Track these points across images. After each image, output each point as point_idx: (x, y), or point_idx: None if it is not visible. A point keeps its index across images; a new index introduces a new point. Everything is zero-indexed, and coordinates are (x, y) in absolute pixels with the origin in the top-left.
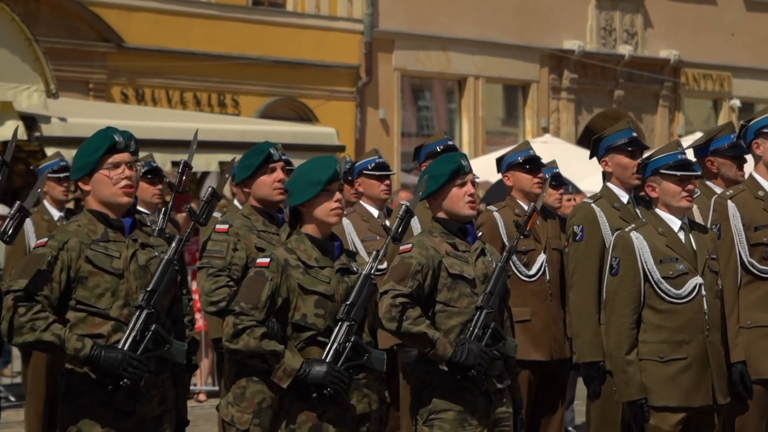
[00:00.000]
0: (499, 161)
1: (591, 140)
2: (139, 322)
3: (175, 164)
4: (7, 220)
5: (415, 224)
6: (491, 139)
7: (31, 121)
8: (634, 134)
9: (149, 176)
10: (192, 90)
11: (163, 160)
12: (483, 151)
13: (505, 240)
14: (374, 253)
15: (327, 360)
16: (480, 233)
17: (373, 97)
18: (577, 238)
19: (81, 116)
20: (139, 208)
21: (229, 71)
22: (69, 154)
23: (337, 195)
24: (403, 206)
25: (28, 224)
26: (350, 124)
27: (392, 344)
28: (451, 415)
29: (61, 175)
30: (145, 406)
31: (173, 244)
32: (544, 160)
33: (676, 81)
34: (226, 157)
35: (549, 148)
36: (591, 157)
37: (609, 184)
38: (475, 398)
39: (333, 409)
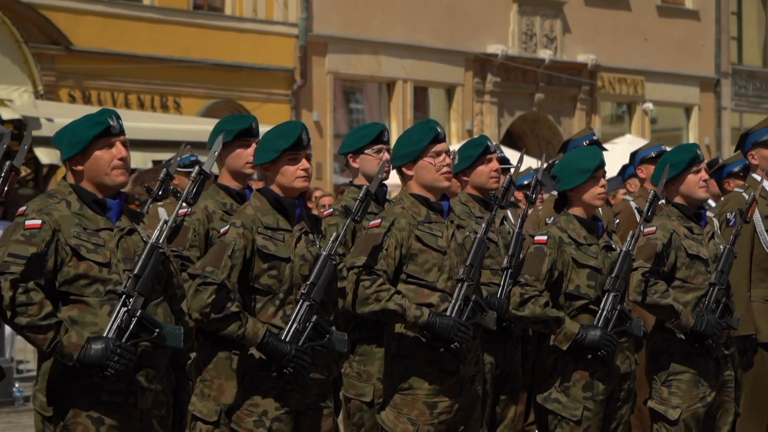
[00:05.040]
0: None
1: (739, 136)
2: (462, 293)
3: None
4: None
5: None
6: None
7: (18, 123)
8: None
9: None
10: (136, 92)
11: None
12: None
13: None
14: (631, 233)
15: (599, 326)
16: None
17: (308, 99)
18: (731, 223)
19: (64, 117)
20: None
21: (171, 74)
22: (53, 154)
23: (602, 181)
24: (651, 192)
25: None
26: None
27: None
28: (687, 377)
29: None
30: (465, 366)
31: (483, 225)
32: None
33: (593, 84)
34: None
35: None
36: (736, 150)
37: (754, 175)
38: (707, 363)
39: (602, 369)
